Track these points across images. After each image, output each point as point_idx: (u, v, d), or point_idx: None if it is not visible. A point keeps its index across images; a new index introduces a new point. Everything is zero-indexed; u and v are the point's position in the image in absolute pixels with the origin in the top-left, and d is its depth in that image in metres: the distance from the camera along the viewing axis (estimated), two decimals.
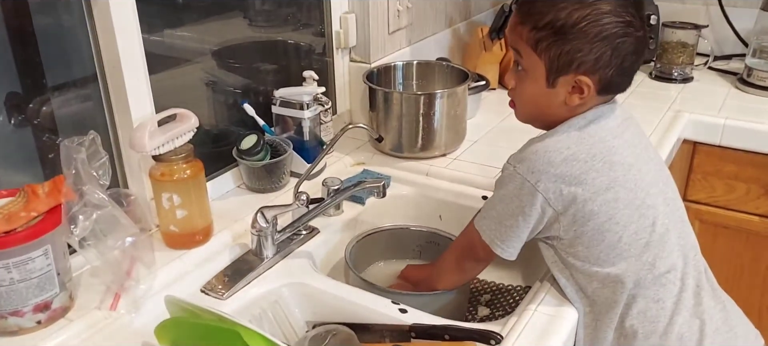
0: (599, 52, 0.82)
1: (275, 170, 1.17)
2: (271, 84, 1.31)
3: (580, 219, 0.83)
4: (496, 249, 0.88)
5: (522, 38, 0.86)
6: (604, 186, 0.82)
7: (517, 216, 0.85)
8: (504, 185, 0.87)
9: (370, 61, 1.43)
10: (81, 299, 0.89)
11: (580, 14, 0.81)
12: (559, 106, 0.87)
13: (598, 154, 0.83)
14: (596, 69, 0.83)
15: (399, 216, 1.22)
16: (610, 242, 0.83)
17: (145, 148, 0.93)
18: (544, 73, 0.85)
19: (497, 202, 0.88)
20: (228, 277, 0.97)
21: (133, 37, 0.96)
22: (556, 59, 0.83)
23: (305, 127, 1.22)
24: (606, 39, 0.81)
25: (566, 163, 0.82)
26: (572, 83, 0.84)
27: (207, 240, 1.02)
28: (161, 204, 0.97)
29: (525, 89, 0.89)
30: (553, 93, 0.86)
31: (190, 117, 0.99)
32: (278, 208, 1.00)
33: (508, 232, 0.87)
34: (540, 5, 0.83)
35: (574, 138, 0.85)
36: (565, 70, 0.84)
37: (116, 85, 0.98)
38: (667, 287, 0.85)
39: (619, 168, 0.84)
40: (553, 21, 0.82)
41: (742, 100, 1.58)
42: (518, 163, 0.85)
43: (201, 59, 1.21)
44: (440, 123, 1.28)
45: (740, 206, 1.50)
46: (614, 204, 0.83)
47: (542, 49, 0.84)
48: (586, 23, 0.80)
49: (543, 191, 0.83)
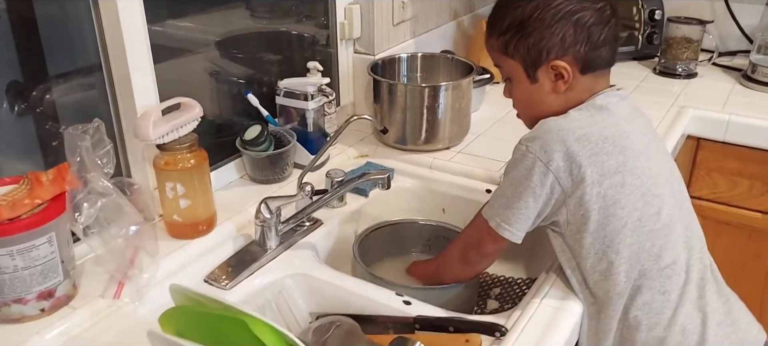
0: (561, 33, 0.85)
1: (279, 161, 1.17)
2: (275, 74, 1.31)
3: (587, 202, 0.82)
4: (503, 232, 0.87)
5: (495, 49, 0.92)
6: (612, 169, 0.82)
7: (528, 197, 0.84)
8: (515, 167, 0.87)
9: (374, 53, 1.43)
10: (84, 288, 0.88)
11: (533, 5, 0.86)
12: (551, 97, 0.89)
13: (610, 137, 0.84)
14: (566, 49, 0.86)
15: (402, 209, 1.22)
16: (615, 227, 0.83)
17: (150, 137, 0.92)
18: (523, 72, 0.89)
19: (506, 187, 0.88)
20: (231, 267, 0.97)
21: (138, 25, 0.96)
22: (526, 54, 0.87)
23: (309, 118, 1.21)
24: (563, 19, 0.84)
25: (579, 142, 0.82)
26: (551, 71, 0.87)
27: (210, 230, 1.01)
28: (165, 193, 0.97)
29: (517, 94, 0.94)
30: (539, 87, 0.89)
31: (194, 106, 0.98)
32: (282, 199, 1.00)
33: (517, 214, 0.86)
34: (498, 12, 0.90)
35: (587, 119, 0.85)
36: (539, 61, 0.87)
37: (121, 74, 0.98)
38: (672, 279, 0.84)
39: (629, 153, 0.84)
40: (511, 21, 0.87)
41: (747, 96, 1.57)
42: (530, 142, 0.85)
43: (205, 49, 1.21)
44: (444, 116, 1.27)
45: (743, 203, 1.49)
46: (621, 189, 0.83)
47: (512, 51, 0.89)
48: (540, 11, 0.85)
49: (554, 170, 0.82)
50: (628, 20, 1.80)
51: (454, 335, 0.84)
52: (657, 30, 1.77)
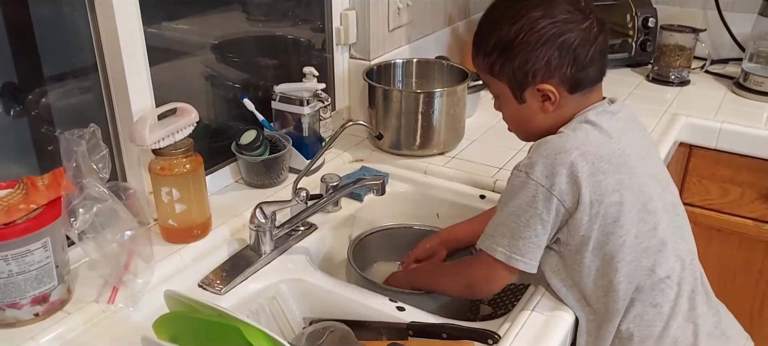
0: (546, 56, 0.84)
1: (274, 166, 1.17)
2: (270, 79, 1.31)
3: (587, 222, 0.83)
4: (517, 265, 0.85)
5: (481, 69, 0.92)
6: (611, 188, 0.82)
7: (536, 225, 0.83)
8: (515, 195, 0.85)
9: (369, 59, 1.44)
10: (79, 292, 0.89)
11: (516, 28, 0.84)
12: (540, 116, 0.89)
13: (605, 155, 0.83)
14: (552, 72, 0.85)
15: (396, 214, 1.23)
16: (615, 246, 0.83)
17: (146, 142, 0.93)
18: (511, 93, 0.89)
19: (507, 216, 0.85)
20: (226, 272, 0.97)
21: (134, 28, 0.96)
22: (512, 76, 0.87)
23: (304, 123, 1.22)
24: (547, 42, 0.84)
25: (578, 163, 0.82)
26: (538, 93, 0.87)
27: (205, 235, 1.02)
28: (160, 198, 0.97)
29: (506, 112, 0.94)
30: (527, 107, 0.89)
31: (190, 112, 0.99)
32: (277, 204, 1.00)
33: (527, 243, 0.84)
34: (483, 32, 0.89)
35: (581, 138, 0.85)
36: (525, 83, 0.87)
37: (117, 78, 0.98)
38: (665, 292, 0.85)
39: (625, 170, 0.84)
40: (496, 42, 0.86)
41: (739, 104, 1.59)
42: (530, 168, 0.84)
43: (200, 53, 1.21)
44: (439, 121, 1.28)
45: (734, 210, 1.51)
46: (619, 207, 0.83)
47: (498, 72, 0.88)
48: (524, 34, 0.84)
49: (558, 193, 0.82)
50: (622, 27, 1.82)
51: (447, 341, 0.85)
52: (650, 37, 1.78)
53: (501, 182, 1.20)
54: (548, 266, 0.89)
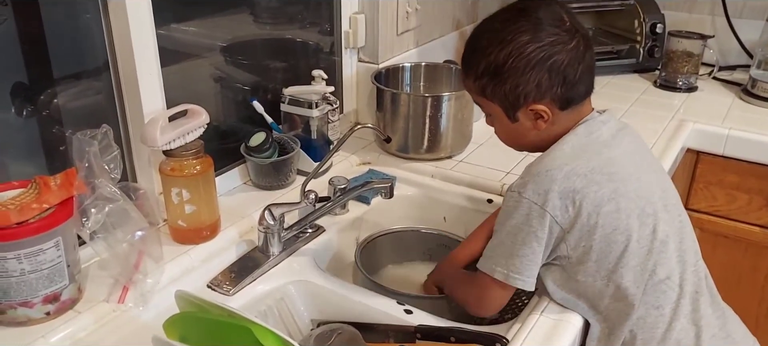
0: (537, 79, 0.86)
1: (282, 168, 1.18)
2: (279, 82, 1.32)
3: (586, 234, 0.83)
4: (516, 283, 0.86)
5: (471, 90, 0.93)
6: (606, 198, 0.83)
7: (532, 242, 0.85)
8: (510, 216, 0.87)
9: (378, 62, 1.44)
10: (89, 292, 0.89)
11: (505, 53, 0.86)
12: (533, 133, 0.91)
13: (596, 167, 0.85)
14: (543, 94, 0.87)
15: (403, 217, 1.23)
16: (617, 253, 0.84)
17: (157, 143, 0.93)
18: (503, 113, 0.91)
19: (504, 236, 0.87)
20: (234, 273, 0.98)
21: (147, 30, 0.97)
22: (504, 98, 0.88)
23: (313, 125, 1.22)
24: (536, 66, 0.85)
25: (567, 179, 0.83)
26: (530, 113, 0.88)
27: (214, 236, 1.02)
28: (170, 199, 0.98)
29: (499, 130, 0.96)
30: (520, 125, 0.91)
31: (200, 113, 1.00)
32: (286, 205, 1.01)
33: (524, 261, 0.85)
34: (472, 56, 0.90)
35: (569, 154, 0.86)
36: (517, 105, 0.88)
37: (128, 79, 0.99)
38: (666, 294, 0.85)
39: (617, 178, 0.85)
40: (486, 67, 0.88)
41: (746, 110, 1.58)
42: (522, 188, 0.85)
43: (210, 55, 1.22)
44: (447, 125, 1.28)
45: (741, 217, 1.51)
46: (617, 215, 0.83)
47: (489, 94, 0.90)
48: (513, 59, 0.85)
49: (551, 210, 0.83)
50: (630, 33, 1.82)
51: (455, 345, 0.85)
52: (658, 43, 1.78)
53: None
54: (551, 280, 0.89)
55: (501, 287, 0.88)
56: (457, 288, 0.98)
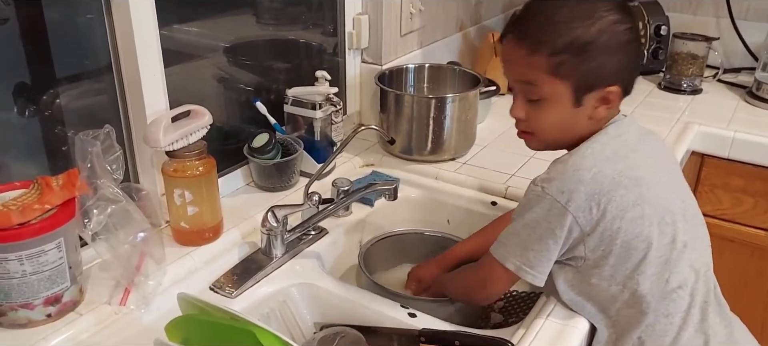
0: (620, 61, 0.83)
1: (285, 169, 1.17)
2: (282, 82, 1.31)
3: (607, 238, 0.82)
4: (526, 276, 0.85)
5: (536, 68, 0.83)
6: (631, 202, 0.82)
7: (547, 239, 0.83)
8: (530, 208, 0.84)
9: (381, 63, 1.43)
10: (91, 293, 0.89)
11: (596, 29, 0.80)
12: (585, 121, 0.86)
13: (624, 170, 0.83)
14: (619, 77, 0.84)
15: (407, 219, 1.23)
16: (636, 260, 0.83)
17: (160, 144, 0.93)
18: (570, 95, 0.84)
19: (521, 228, 0.85)
20: (237, 275, 0.97)
21: (150, 30, 0.96)
22: (582, 79, 0.82)
23: (316, 127, 1.22)
24: (622, 47, 0.82)
25: (595, 180, 0.81)
26: (600, 96, 0.84)
27: (217, 238, 1.02)
28: (173, 200, 0.97)
29: (546, 116, 0.86)
30: (579, 111, 0.85)
31: (204, 114, 0.99)
32: (289, 207, 1.00)
33: (538, 256, 0.84)
34: (549, 30, 0.82)
35: (599, 154, 0.84)
36: (592, 86, 0.83)
37: (131, 80, 0.98)
38: (677, 303, 0.84)
39: (643, 183, 0.83)
40: (571, 42, 0.80)
41: (752, 113, 1.58)
42: (546, 183, 0.83)
43: (213, 55, 1.21)
44: (451, 127, 1.28)
45: (747, 220, 1.50)
46: (640, 221, 0.82)
47: (565, 73, 0.82)
48: (606, 36, 0.81)
49: (573, 210, 0.81)
50: None
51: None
52: (662, 45, 1.77)
53: (513, 189, 1.20)
54: (563, 280, 0.87)
55: (508, 275, 0.87)
56: (457, 274, 0.97)
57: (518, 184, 1.21)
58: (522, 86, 0.87)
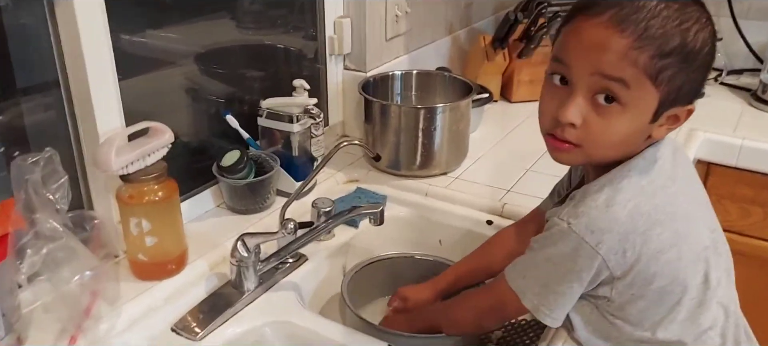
0: (705, 79, 0.71)
1: (260, 189, 1.06)
2: (256, 92, 1.20)
3: (639, 283, 0.72)
4: (544, 319, 0.75)
5: (635, 65, 0.66)
6: (668, 243, 0.71)
7: (573, 282, 0.72)
8: (554, 243, 0.73)
9: (365, 70, 1.33)
10: (32, 340, 0.77)
11: (704, 36, 0.67)
12: (641, 142, 0.73)
13: (660, 205, 0.71)
14: (697, 96, 0.71)
15: (395, 240, 1.12)
16: (669, 305, 0.73)
17: (111, 168, 0.81)
18: (655, 107, 0.68)
19: (543, 262, 0.74)
20: (203, 313, 0.86)
21: (100, 38, 0.85)
22: (675, 91, 0.68)
23: (294, 141, 1.11)
24: (710, 64, 0.70)
25: (631, 218, 0.70)
26: (675, 114, 0.71)
27: (180, 269, 0.91)
28: (129, 230, 0.86)
29: (614, 126, 0.69)
30: (651, 127, 0.71)
31: (164, 132, 0.88)
32: (262, 235, 0.89)
33: (559, 299, 0.74)
34: (660, 26, 0.65)
35: (636, 187, 0.72)
36: (678, 101, 0.69)
37: (81, 94, 0.87)
38: (707, 345, 0.75)
39: (680, 220, 0.73)
40: (680, 45, 0.66)
41: (758, 118, 1.49)
42: (574, 219, 0.71)
43: (181, 63, 1.10)
44: (441, 139, 1.17)
45: (756, 232, 1.41)
46: (677, 263, 0.72)
47: (664, 80, 0.66)
48: (709, 47, 0.68)
49: (604, 253, 0.70)
50: None
51: None
52: None
53: (510, 206, 1.09)
54: (579, 316, 0.78)
55: (524, 307, 0.77)
56: (463, 301, 0.88)
57: (516, 201, 1.11)
58: (600, 82, 0.68)
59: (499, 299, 0.80)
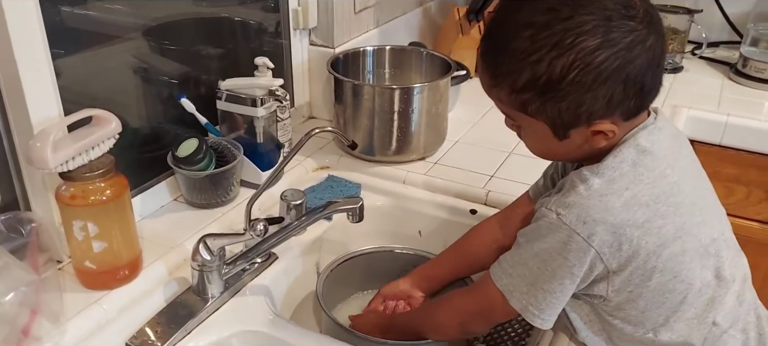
0: (608, 93, 0.63)
1: (222, 181, 0.95)
2: (214, 72, 1.09)
3: (637, 279, 0.66)
4: (533, 320, 0.69)
5: (503, 102, 0.68)
6: (671, 236, 0.65)
7: (564, 279, 0.66)
8: (542, 237, 0.67)
9: (333, 46, 1.23)
10: None
11: (563, 63, 0.62)
12: (584, 149, 0.69)
13: (661, 194, 0.65)
14: (612, 109, 0.64)
15: (372, 233, 1.03)
16: (673, 305, 0.67)
17: (48, 165, 0.70)
18: (550, 132, 0.67)
19: (530, 258, 0.68)
20: (162, 325, 0.76)
21: (29, 11, 0.73)
22: (557, 117, 0.65)
23: (258, 127, 1.00)
24: (610, 78, 0.62)
25: (628, 208, 0.64)
26: (590, 131, 0.66)
27: (134, 276, 0.80)
28: (72, 235, 0.75)
29: (531, 144, 0.73)
30: (569, 142, 0.68)
31: (109, 121, 0.76)
32: (227, 237, 0.79)
33: (548, 298, 0.68)
34: (508, 62, 0.65)
35: (630, 175, 0.66)
36: (573, 124, 0.66)
37: (8, 76, 0.74)
38: (729, 345, 0.69)
39: (684, 210, 0.66)
40: (532, 79, 0.63)
41: (738, 93, 1.44)
42: (564, 209, 0.65)
43: (128, 39, 0.97)
44: (419, 122, 1.08)
45: (739, 212, 1.37)
46: (681, 258, 0.66)
47: (534, 111, 0.66)
48: (576, 72, 0.62)
49: (598, 246, 0.64)
50: None
51: None
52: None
53: (494, 194, 1.02)
54: (578, 316, 0.72)
55: (511, 309, 0.70)
56: (445, 304, 0.81)
57: (500, 187, 1.03)
58: (505, 115, 0.72)
59: (485, 301, 0.74)
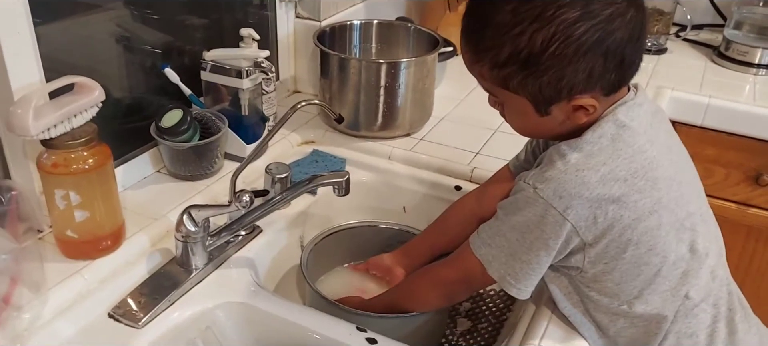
0: (588, 68, 0.64)
1: (206, 153, 0.95)
2: (199, 42, 1.07)
3: (613, 251, 0.67)
4: (510, 290, 0.70)
5: (485, 78, 0.69)
6: (647, 210, 0.66)
7: (539, 250, 0.67)
8: (519, 210, 0.68)
9: (319, 19, 1.22)
10: None
11: (544, 36, 0.62)
12: (565, 125, 0.70)
13: (639, 169, 0.66)
14: (594, 83, 0.65)
15: (356, 207, 1.03)
16: (647, 277, 0.68)
17: (30, 132, 0.69)
18: (531, 107, 0.68)
19: (508, 229, 0.69)
20: (145, 296, 0.76)
21: None
22: (538, 93, 0.66)
23: (244, 99, 0.99)
24: (590, 50, 0.63)
25: (604, 183, 0.64)
26: (570, 106, 0.67)
27: (117, 246, 0.80)
28: (54, 203, 0.74)
29: (514, 121, 0.74)
30: (550, 119, 0.69)
31: (92, 88, 0.75)
32: (211, 208, 0.78)
33: (525, 268, 0.69)
34: (490, 36, 0.66)
35: (608, 150, 0.66)
36: (555, 98, 0.67)
37: None
38: (699, 318, 0.71)
39: (662, 185, 0.67)
40: (513, 53, 0.64)
41: (720, 75, 1.46)
42: (541, 183, 0.66)
43: (111, 6, 0.96)
44: (405, 97, 1.08)
45: (717, 192, 1.39)
46: (657, 232, 0.66)
47: (516, 86, 0.67)
48: (557, 45, 0.62)
49: (573, 219, 0.65)
50: None
51: None
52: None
53: (479, 170, 1.02)
54: (557, 288, 0.73)
55: (489, 278, 0.72)
56: (426, 276, 0.82)
57: (485, 164, 1.03)
58: (487, 92, 0.73)
59: (465, 270, 0.75)
